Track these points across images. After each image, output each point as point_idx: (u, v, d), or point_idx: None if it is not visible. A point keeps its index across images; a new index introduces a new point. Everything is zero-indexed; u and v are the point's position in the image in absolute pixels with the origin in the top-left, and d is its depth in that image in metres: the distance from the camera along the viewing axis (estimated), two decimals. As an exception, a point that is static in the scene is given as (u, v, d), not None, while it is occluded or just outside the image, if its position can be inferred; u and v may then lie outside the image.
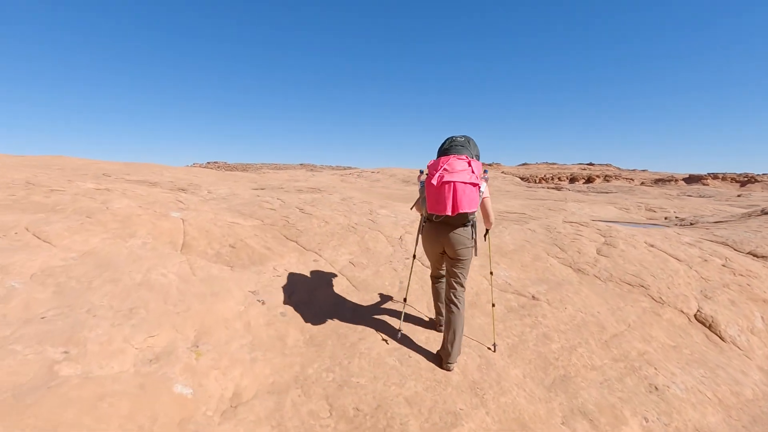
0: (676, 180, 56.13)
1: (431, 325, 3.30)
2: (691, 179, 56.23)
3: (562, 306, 4.02)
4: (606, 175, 69.03)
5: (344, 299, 3.45)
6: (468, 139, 2.78)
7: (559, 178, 69.76)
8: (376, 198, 12.54)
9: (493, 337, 3.24)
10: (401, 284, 3.92)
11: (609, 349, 3.56)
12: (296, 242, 4.44)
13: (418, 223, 5.58)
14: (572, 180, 68.56)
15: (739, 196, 40.82)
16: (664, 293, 4.64)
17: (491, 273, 3.34)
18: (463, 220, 2.64)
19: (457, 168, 2.50)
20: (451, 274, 2.78)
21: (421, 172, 2.87)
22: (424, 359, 2.77)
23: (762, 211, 9.39)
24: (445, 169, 2.50)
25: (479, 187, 2.57)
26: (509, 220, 7.17)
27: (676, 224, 10.63)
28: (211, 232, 3.91)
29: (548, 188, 49.33)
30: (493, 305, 3.34)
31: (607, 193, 40.76)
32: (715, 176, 55.48)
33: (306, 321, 2.99)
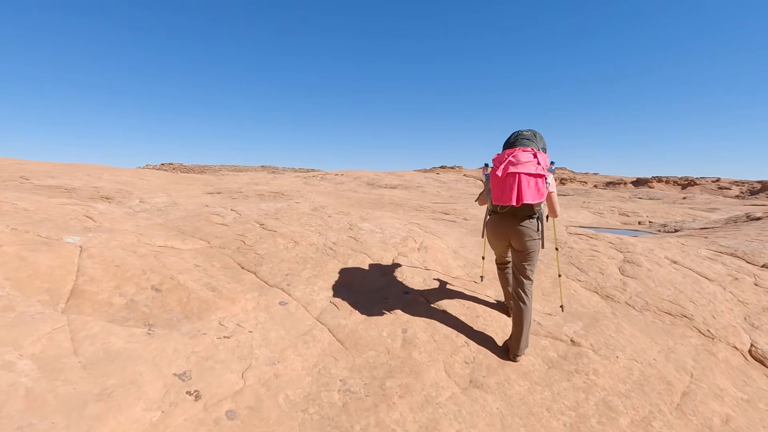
0: (625, 183, 58.45)
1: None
2: (638, 182, 58.69)
3: (611, 353, 3.04)
4: (561, 178, 71.21)
5: (329, 370, 2.26)
6: (534, 133, 2.76)
7: (518, 181, 71.12)
8: (351, 207, 11.38)
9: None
10: (404, 333, 2.78)
11: (686, 416, 2.60)
12: (255, 274, 3.20)
13: (409, 240, 4.49)
14: (530, 183, 70.10)
15: (684, 198, 42.91)
16: (710, 324, 3.81)
17: (559, 275, 3.41)
18: (529, 211, 2.62)
19: (523, 159, 2.50)
20: (518, 268, 2.75)
21: (486, 165, 2.81)
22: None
23: (747, 216, 9.05)
24: (510, 161, 2.51)
25: (545, 179, 2.52)
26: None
27: (658, 230, 10.17)
28: (125, 266, 2.60)
29: (509, 191, 49.82)
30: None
31: (565, 195, 41.52)
32: (659, 179, 58.27)
33: (272, 426, 1.79)
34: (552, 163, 2.68)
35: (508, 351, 2.72)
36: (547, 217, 2.91)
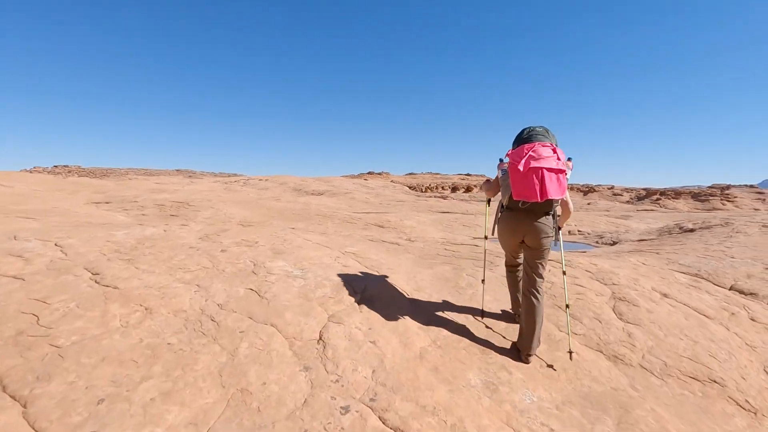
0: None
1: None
2: (548, 189, 63.06)
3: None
4: (474, 185, 74.36)
5: None
6: (546, 129, 2.66)
7: (442, 188, 72.88)
8: (272, 219, 9.50)
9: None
10: None
11: None
12: (24, 410, 1.48)
13: (345, 288, 2.98)
14: (454, 189, 72.24)
15: (588, 204, 46.69)
16: (745, 390, 2.86)
17: (564, 272, 2.92)
18: (547, 208, 2.57)
19: (544, 154, 2.42)
20: (531, 265, 2.68)
21: (501, 161, 2.71)
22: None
23: (680, 228, 8.91)
24: (531, 156, 2.42)
25: (566, 174, 2.46)
26: (458, 256, 4.97)
27: (596, 242, 9.79)
28: None
29: (436, 197, 50.48)
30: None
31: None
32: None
33: None
34: (569, 159, 2.56)
35: (519, 353, 2.64)
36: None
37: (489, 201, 3.29)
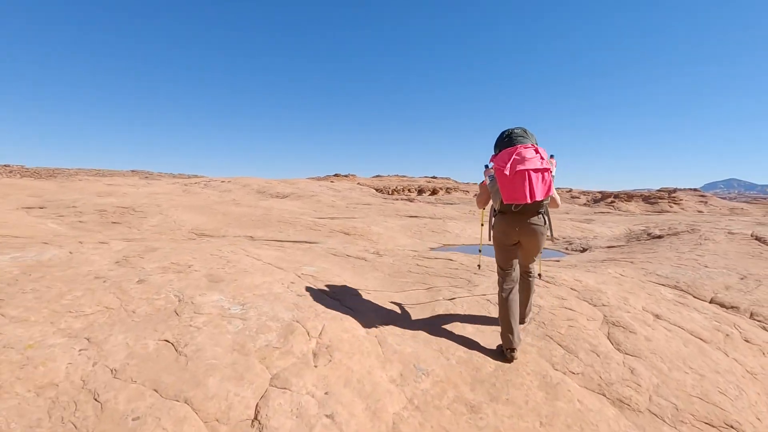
0: (501, 192, 63.55)
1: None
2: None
3: None
4: (447, 188, 75.10)
5: None
6: (525, 130, 2.70)
7: (409, 190, 72.91)
8: (227, 228, 8.50)
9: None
10: None
11: None
12: None
13: (298, 333, 2.34)
14: (420, 191, 72.46)
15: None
16: (764, 435, 2.45)
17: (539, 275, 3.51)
18: (537, 207, 2.63)
19: (527, 156, 2.47)
20: (526, 262, 2.88)
21: (487, 167, 2.75)
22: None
23: (648, 234, 8.84)
24: (515, 159, 2.47)
25: (551, 172, 2.51)
26: (432, 273, 4.40)
27: (566, 248, 9.59)
28: None
29: (402, 200, 50.23)
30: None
31: (453, 204, 43.00)
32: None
33: None
34: (552, 156, 2.63)
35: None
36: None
37: (484, 209, 3.32)
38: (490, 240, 2.92)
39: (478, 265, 3.74)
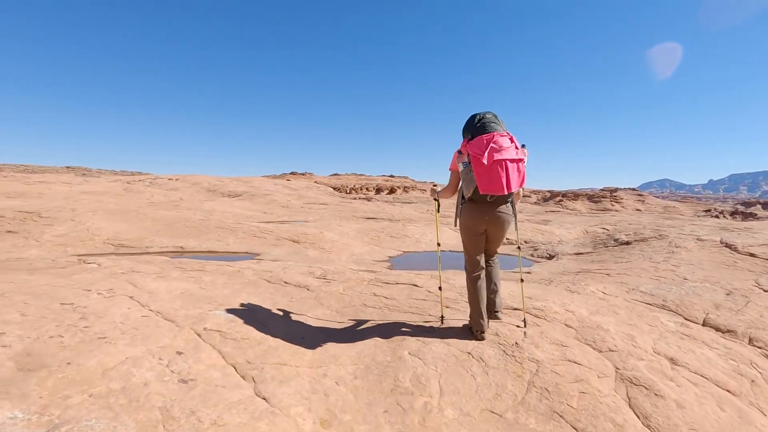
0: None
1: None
2: (467, 191, 65.32)
3: None
4: (405, 186, 74.88)
5: None
6: (495, 116, 2.61)
7: (367, 189, 71.86)
8: (153, 234, 6.64)
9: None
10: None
11: None
12: None
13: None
14: (378, 190, 71.68)
15: (504, 205, 48.79)
16: None
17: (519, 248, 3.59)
18: (507, 196, 2.57)
19: (504, 145, 2.40)
20: (492, 249, 2.81)
21: (460, 153, 2.57)
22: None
23: (615, 240, 8.40)
24: (492, 148, 2.38)
25: (524, 163, 2.48)
26: (393, 307, 3.40)
27: (531, 254, 8.99)
28: None
29: (360, 199, 49.11)
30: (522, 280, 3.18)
31: (411, 203, 42.49)
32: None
33: None
34: (524, 145, 2.52)
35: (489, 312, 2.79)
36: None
37: (438, 207, 3.22)
38: (456, 225, 2.82)
39: (440, 287, 3.23)
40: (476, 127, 2.52)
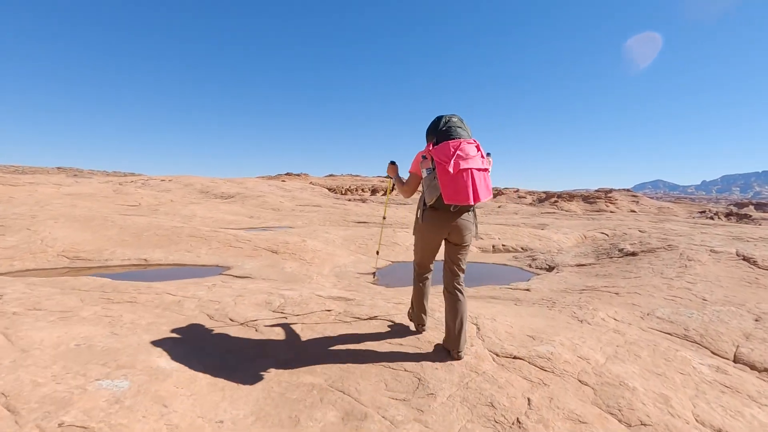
0: (452, 192, 63.68)
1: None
2: (462, 192, 64.79)
3: None
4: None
5: None
6: (462, 120, 2.49)
7: (362, 190, 71.13)
8: (117, 245, 5.62)
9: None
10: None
11: None
12: None
13: None
14: (373, 191, 70.99)
15: (499, 206, 48.22)
16: None
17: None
18: (471, 206, 2.51)
19: (471, 153, 2.30)
20: (455, 262, 2.58)
21: (424, 158, 2.41)
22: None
23: (620, 251, 7.71)
24: (459, 155, 2.26)
25: (489, 172, 2.40)
26: (352, 371, 2.66)
27: (529, 265, 8.28)
28: None
29: (355, 200, 48.35)
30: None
31: (406, 204, 41.72)
32: (477, 189, 65.62)
33: None
34: (488, 154, 2.43)
35: (449, 353, 2.54)
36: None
37: (392, 188, 3.12)
38: (414, 232, 2.71)
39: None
40: (441, 132, 2.41)
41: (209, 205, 17.20)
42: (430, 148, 2.37)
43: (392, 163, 2.90)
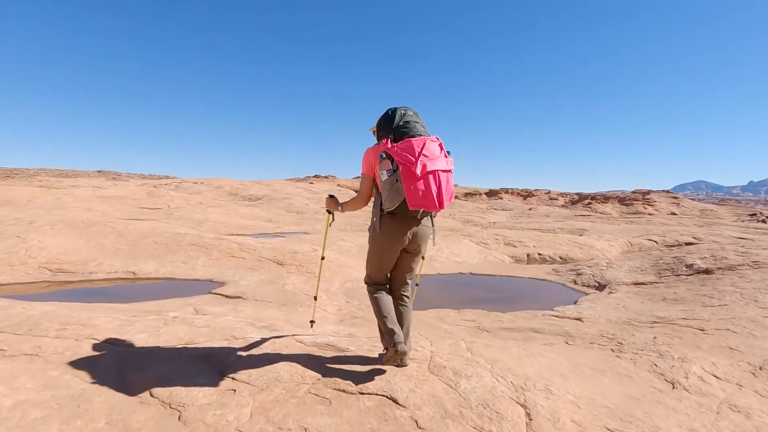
0: (480, 194, 61.91)
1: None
2: (490, 193, 62.82)
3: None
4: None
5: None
6: (417, 113, 2.26)
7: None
8: (109, 255, 4.72)
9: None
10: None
11: None
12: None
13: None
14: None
15: (530, 209, 45.89)
16: None
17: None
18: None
19: (436, 153, 2.08)
20: (407, 270, 2.40)
21: (382, 157, 2.09)
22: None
23: (689, 267, 6.27)
24: (424, 155, 2.02)
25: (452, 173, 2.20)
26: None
27: (573, 280, 6.94)
28: None
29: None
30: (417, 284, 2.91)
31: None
32: (506, 191, 63.29)
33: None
34: (449, 152, 2.18)
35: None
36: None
37: (331, 221, 2.74)
38: (371, 241, 2.36)
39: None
40: (399, 128, 2.16)
41: (227, 209, 16.62)
42: (389, 146, 2.08)
43: (331, 196, 2.49)
